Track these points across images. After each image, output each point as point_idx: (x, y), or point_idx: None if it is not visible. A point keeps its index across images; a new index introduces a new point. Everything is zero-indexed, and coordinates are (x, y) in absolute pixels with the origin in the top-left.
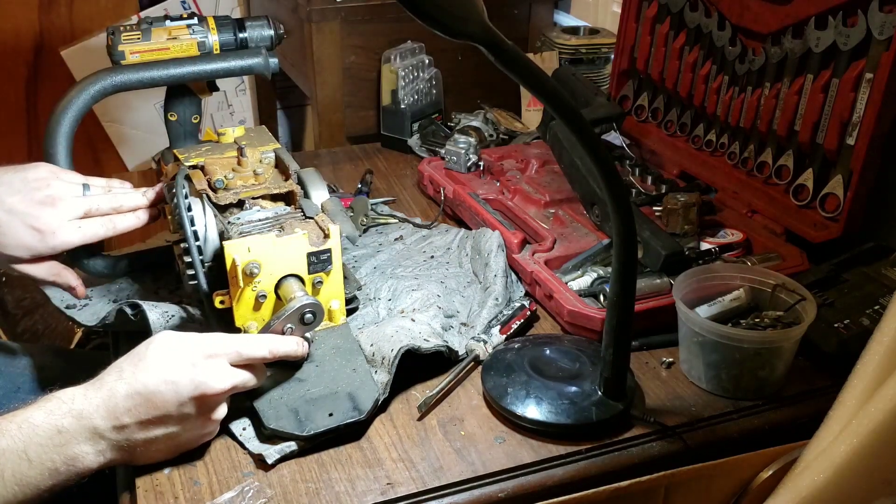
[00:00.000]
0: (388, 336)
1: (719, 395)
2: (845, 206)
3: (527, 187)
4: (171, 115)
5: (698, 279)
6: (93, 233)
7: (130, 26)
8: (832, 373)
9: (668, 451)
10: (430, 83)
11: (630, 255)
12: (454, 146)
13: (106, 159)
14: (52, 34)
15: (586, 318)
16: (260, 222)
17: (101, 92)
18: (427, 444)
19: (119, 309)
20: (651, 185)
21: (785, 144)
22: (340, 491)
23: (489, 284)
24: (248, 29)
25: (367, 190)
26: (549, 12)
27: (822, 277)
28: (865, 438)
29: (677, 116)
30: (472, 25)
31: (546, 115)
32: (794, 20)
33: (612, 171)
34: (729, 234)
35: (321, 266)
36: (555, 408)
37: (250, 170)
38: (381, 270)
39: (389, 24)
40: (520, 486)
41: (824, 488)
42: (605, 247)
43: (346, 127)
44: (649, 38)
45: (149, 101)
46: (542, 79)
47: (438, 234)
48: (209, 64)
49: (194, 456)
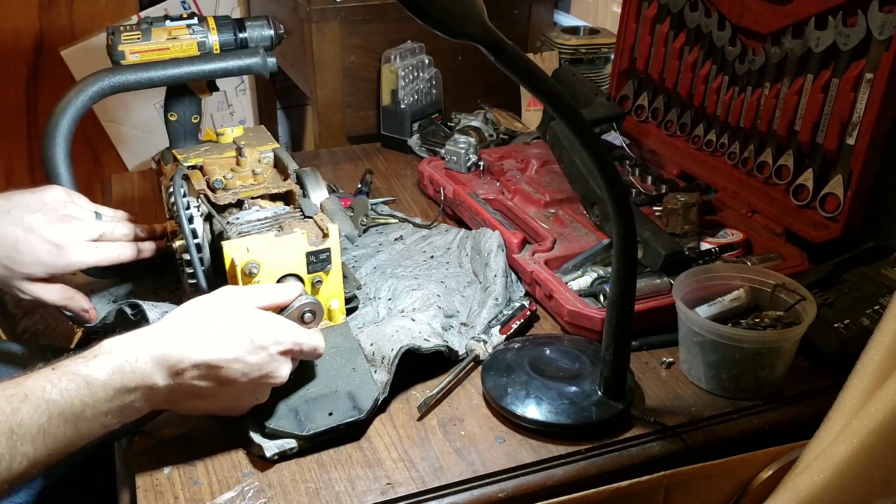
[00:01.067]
0: (389, 336)
1: (719, 395)
2: (845, 206)
3: (527, 187)
4: (170, 115)
5: (698, 279)
6: (107, 255)
7: (130, 26)
8: (832, 373)
9: (668, 451)
10: (430, 83)
11: (630, 255)
12: (454, 146)
13: (106, 159)
14: (52, 34)
15: (586, 318)
16: (259, 222)
17: (101, 92)
18: (427, 444)
19: (119, 309)
20: (651, 185)
21: (785, 144)
22: (340, 491)
23: (489, 284)
24: (248, 29)
25: (367, 190)
26: (549, 12)
27: (822, 277)
28: (865, 438)
29: (677, 116)
30: (472, 25)
31: (546, 115)
32: (794, 20)
33: (612, 171)
34: (729, 234)
35: (320, 265)
36: (555, 408)
37: (249, 170)
38: (380, 270)
39: (389, 24)
40: (520, 486)
41: (824, 488)
42: (605, 247)
43: (346, 127)
44: (649, 38)
45: (149, 101)
46: (542, 79)
47: (438, 234)
48: (208, 64)
49: (194, 456)
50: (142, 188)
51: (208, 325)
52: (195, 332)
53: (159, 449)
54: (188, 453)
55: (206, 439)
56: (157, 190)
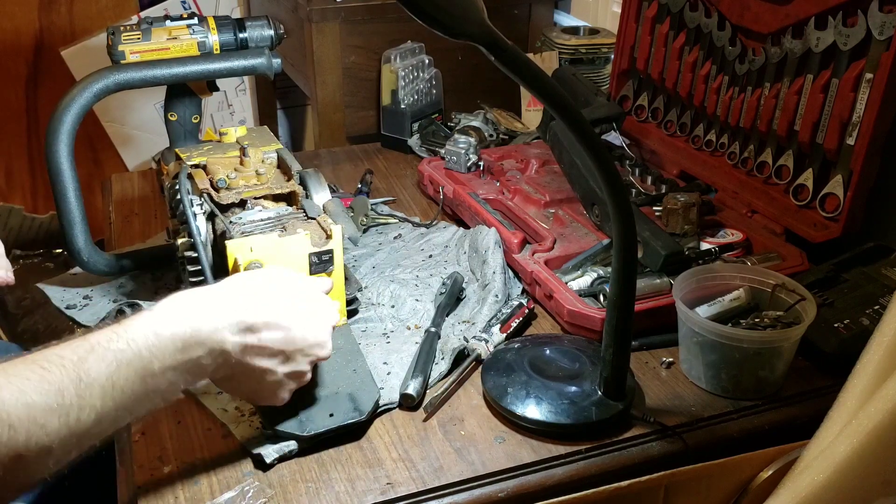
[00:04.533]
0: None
1: (719, 395)
2: (845, 206)
3: (527, 187)
4: (171, 115)
5: (698, 279)
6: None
7: (130, 26)
8: (832, 373)
9: (668, 451)
10: (430, 83)
11: (630, 255)
12: (454, 146)
13: (106, 159)
14: (52, 34)
15: (586, 318)
16: (262, 222)
17: (104, 90)
18: (427, 444)
19: (119, 309)
20: (651, 185)
21: (785, 144)
22: (340, 491)
23: (488, 281)
24: (249, 29)
25: (367, 190)
26: (549, 12)
27: (822, 277)
28: (865, 438)
29: (677, 116)
30: (472, 25)
31: (546, 115)
32: (794, 20)
33: (612, 171)
34: (729, 234)
35: (323, 266)
36: (555, 408)
37: (252, 170)
38: (380, 270)
39: (389, 24)
40: (520, 485)
41: (824, 488)
42: (605, 247)
43: (346, 127)
44: (649, 38)
45: (149, 101)
46: (542, 79)
47: (437, 231)
48: (213, 63)
49: (194, 456)
50: (142, 188)
51: (276, 291)
52: (263, 295)
53: (159, 449)
54: (188, 453)
55: (207, 439)
56: (158, 190)
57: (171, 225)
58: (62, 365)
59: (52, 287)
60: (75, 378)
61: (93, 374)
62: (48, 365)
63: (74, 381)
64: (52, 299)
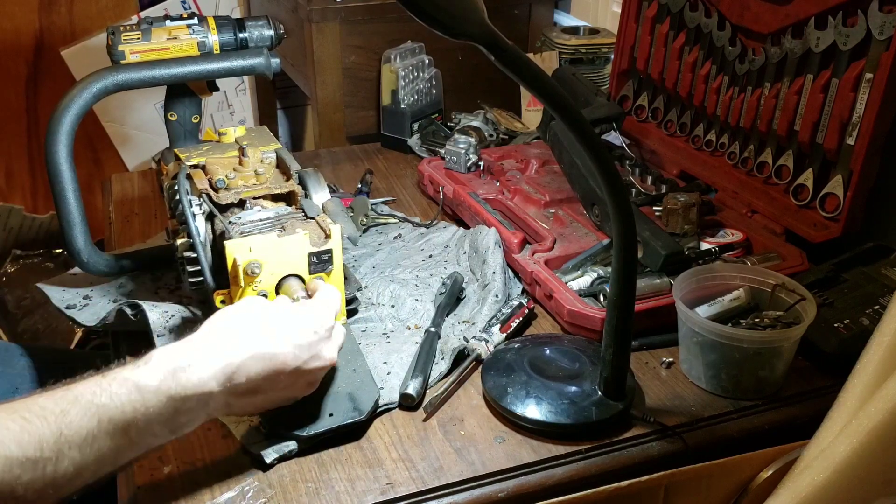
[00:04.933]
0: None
1: (719, 395)
2: (845, 206)
3: (527, 187)
4: (171, 115)
5: (698, 279)
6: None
7: (130, 26)
8: (832, 373)
9: (668, 451)
10: (430, 83)
11: (630, 255)
12: (454, 146)
13: (106, 159)
14: (52, 34)
15: (586, 318)
16: (261, 222)
17: (104, 90)
18: (427, 444)
19: (119, 309)
20: (651, 185)
21: (785, 144)
22: (340, 491)
23: (488, 281)
24: (248, 29)
25: (367, 190)
26: (549, 12)
27: (822, 277)
28: (865, 438)
29: (677, 116)
30: (472, 25)
31: (546, 115)
32: (794, 20)
33: (612, 171)
34: (729, 234)
35: (322, 266)
36: (555, 408)
37: (251, 170)
38: (379, 270)
39: (389, 24)
40: (520, 485)
41: (824, 488)
42: (605, 247)
43: (346, 127)
44: (649, 38)
45: (149, 101)
46: (542, 79)
47: (437, 231)
48: (213, 63)
49: (194, 456)
50: (142, 188)
51: (252, 322)
52: (242, 330)
53: (159, 448)
54: (188, 453)
55: (207, 439)
56: (157, 190)
57: (171, 225)
58: (44, 417)
59: (51, 287)
60: (56, 431)
61: (74, 427)
62: (30, 416)
63: (55, 434)
64: (52, 299)
